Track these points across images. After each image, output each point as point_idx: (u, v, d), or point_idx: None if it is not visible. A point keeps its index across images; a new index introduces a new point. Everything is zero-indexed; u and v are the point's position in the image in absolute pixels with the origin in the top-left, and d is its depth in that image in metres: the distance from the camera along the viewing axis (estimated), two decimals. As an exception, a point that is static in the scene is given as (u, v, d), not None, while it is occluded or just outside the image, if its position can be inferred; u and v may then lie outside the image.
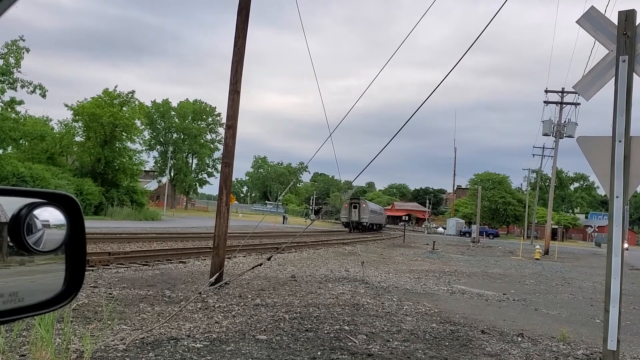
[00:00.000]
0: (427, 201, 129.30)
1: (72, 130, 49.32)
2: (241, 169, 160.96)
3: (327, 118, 12.58)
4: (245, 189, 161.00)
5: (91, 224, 31.56)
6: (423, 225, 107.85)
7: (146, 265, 14.81)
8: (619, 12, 5.61)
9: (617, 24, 5.58)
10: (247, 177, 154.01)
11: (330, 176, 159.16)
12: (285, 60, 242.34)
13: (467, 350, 7.26)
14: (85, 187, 43.82)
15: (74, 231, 1.35)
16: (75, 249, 1.36)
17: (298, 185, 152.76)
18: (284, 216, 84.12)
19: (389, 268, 19.91)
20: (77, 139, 50.18)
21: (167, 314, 7.96)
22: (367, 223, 56.62)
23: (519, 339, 8.24)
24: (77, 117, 48.39)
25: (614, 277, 5.30)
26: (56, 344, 5.59)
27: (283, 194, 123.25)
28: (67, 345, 5.56)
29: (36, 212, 1.27)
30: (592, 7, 5.89)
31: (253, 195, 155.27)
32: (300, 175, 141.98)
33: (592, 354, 7.66)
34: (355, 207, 55.49)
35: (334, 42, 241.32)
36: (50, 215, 1.31)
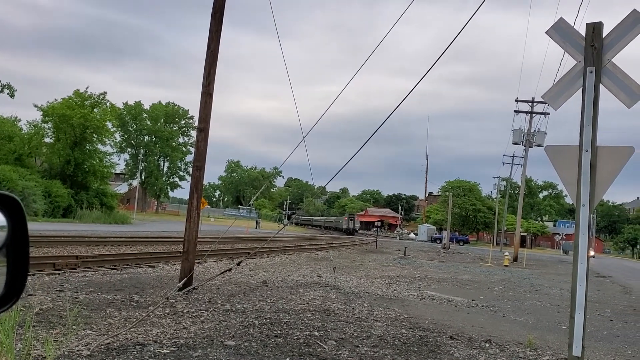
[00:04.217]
0: (400, 207, 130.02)
1: (41, 131, 48.42)
2: (214, 173, 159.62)
3: (307, 123, 12.57)
4: (217, 193, 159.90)
5: (59, 227, 30.95)
6: (395, 231, 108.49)
7: (114, 269, 14.56)
8: (587, 25, 5.71)
9: (584, 35, 5.68)
10: (220, 182, 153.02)
11: (304, 181, 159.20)
12: (268, 66, 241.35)
13: (435, 356, 7.29)
14: (54, 189, 43.02)
15: (16, 233, 1.28)
16: (17, 252, 1.29)
17: (272, 190, 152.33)
18: (257, 221, 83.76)
19: (361, 273, 19.94)
20: (47, 140, 49.31)
21: (135, 319, 7.83)
22: (357, 229, 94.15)
23: (487, 345, 8.31)
24: (46, 118, 47.53)
25: (579, 284, 5.37)
26: (17, 349, 5.44)
27: (254, 198, 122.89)
28: (28, 351, 5.41)
29: None
30: (561, 18, 5.99)
31: (226, 199, 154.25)
32: (274, 180, 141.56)
33: (557, 360, 7.77)
34: (352, 220, 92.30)
35: (317, 49, 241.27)
36: None
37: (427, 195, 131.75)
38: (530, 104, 44.93)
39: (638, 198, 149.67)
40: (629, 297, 20.44)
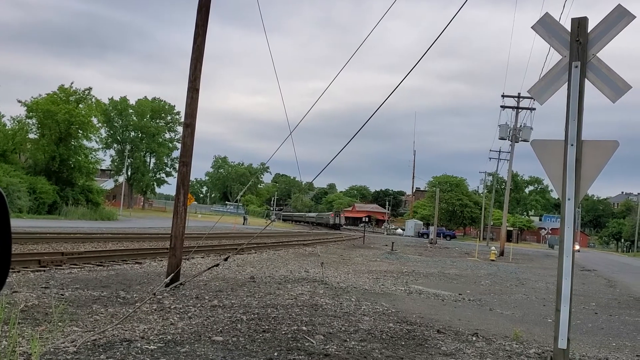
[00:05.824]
0: (387, 203, 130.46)
1: (25, 127, 47.88)
2: (201, 169, 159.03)
3: (295, 119, 12.56)
4: (205, 189, 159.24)
5: (44, 224, 30.69)
6: (382, 227, 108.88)
7: (101, 265, 14.48)
8: (572, 20, 5.74)
9: (570, 30, 5.71)
10: (207, 178, 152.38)
11: (291, 177, 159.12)
12: (256, 61, 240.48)
13: (422, 350, 7.33)
14: (39, 186, 42.59)
15: None
16: None
17: (259, 186, 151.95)
18: (244, 217, 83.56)
19: (349, 269, 19.98)
20: (31, 136, 48.78)
21: (121, 315, 7.78)
22: (343, 224, 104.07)
23: (474, 339, 8.36)
24: (30, 113, 47.01)
25: (565, 278, 5.42)
26: (2, 346, 5.40)
27: (241, 194, 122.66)
28: (13, 348, 5.36)
29: None
30: (547, 13, 6.02)
31: (213, 195, 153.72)
32: (261, 175, 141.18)
33: (543, 352, 7.83)
34: (337, 216, 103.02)
35: (306, 44, 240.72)
36: None
37: (414, 190, 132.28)
38: (516, 99, 45.29)
39: (622, 192, 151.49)
40: (613, 290, 20.67)
